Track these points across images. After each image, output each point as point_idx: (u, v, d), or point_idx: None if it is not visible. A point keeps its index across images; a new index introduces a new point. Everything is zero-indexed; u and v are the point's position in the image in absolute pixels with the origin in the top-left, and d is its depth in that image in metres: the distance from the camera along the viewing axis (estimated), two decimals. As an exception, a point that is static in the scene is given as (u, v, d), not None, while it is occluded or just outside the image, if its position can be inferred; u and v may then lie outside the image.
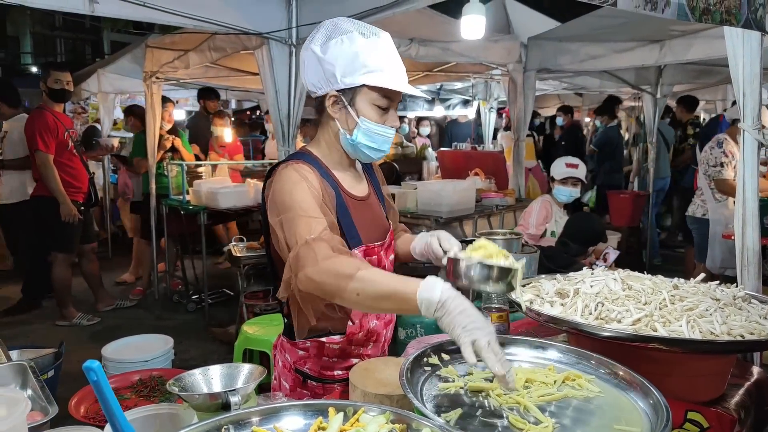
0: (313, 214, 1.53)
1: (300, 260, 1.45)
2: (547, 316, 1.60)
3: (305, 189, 1.58)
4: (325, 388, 1.79)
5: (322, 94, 1.67)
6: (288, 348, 1.81)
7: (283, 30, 3.60)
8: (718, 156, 4.66)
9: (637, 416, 1.21)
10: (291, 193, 1.57)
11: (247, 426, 1.09)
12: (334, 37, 1.59)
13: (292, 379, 1.81)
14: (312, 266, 1.42)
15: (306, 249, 1.45)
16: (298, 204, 1.54)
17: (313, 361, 1.78)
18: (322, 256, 1.43)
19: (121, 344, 3.47)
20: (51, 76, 5.06)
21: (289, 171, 1.63)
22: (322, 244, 1.46)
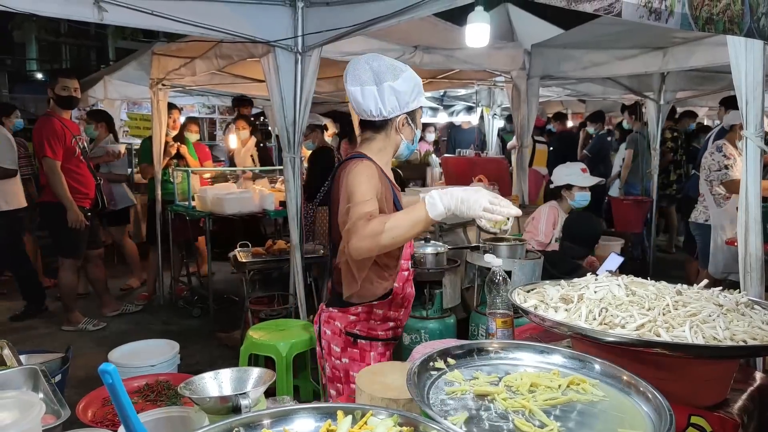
0: (367, 198, 1.98)
1: (349, 233, 1.95)
2: (552, 321, 1.62)
3: (372, 183, 2.04)
4: (372, 345, 2.22)
5: (392, 116, 2.14)
6: (338, 316, 2.23)
7: (290, 38, 3.63)
8: (720, 160, 4.68)
9: (641, 420, 1.23)
10: (359, 185, 2.02)
11: (258, 428, 1.11)
12: (400, 73, 2.10)
13: (342, 342, 2.22)
14: (355, 236, 1.91)
15: (353, 226, 1.93)
16: (361, 194, 1.99)
17: (363, 323, 2.21)
18: (362, 227, 1.90)
19: (128, 349, 3.48)
20: (58, 83, 5.09)
21: (360, 166, 2.08)
22: (362, 221, 1.91)
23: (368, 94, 2.10)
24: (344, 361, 2.23)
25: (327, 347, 2.27)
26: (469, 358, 1.52)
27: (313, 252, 4.44)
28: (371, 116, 2.15)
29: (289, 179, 3.90)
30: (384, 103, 2.10)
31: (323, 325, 2.29)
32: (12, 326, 5.50)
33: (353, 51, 4.26)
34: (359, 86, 2.10)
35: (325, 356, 2.29)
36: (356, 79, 2.10)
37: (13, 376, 1.78)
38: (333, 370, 2.27)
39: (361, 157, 2.16)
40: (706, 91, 7.46)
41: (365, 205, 1.96)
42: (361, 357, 2.22)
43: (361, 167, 2.08)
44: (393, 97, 2.09)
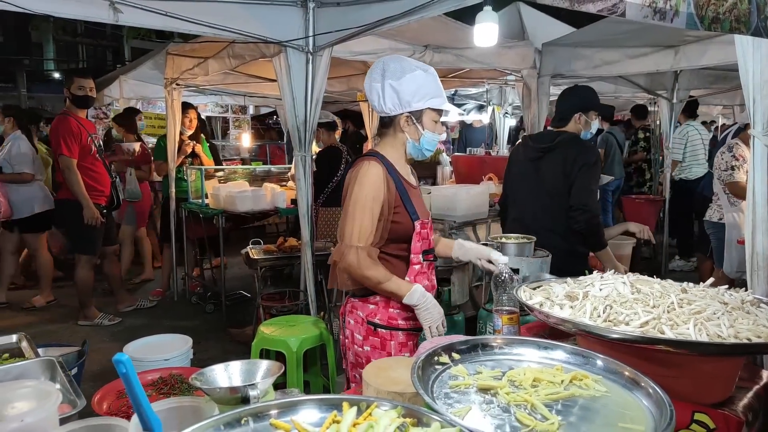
0: (367, 221, 2.18)
1: (345, 257, 2.18)
2: (557, 318, 1.64)
3: (373, 191, 2.19)
4: (392, 334, 2.31)
5: (394, 114, 2.25)
6: (359, 306, 2.35)
7: (301, 39, 3.66)
8: (729, 160, 4.68)
9: (642, 415, 1.25)
10: (364, 192, 2.19)
11: (266, 418, 1.14)
12: (406, 73, 2.19)
13: (365, 330, 2.32)
14: (353, 267, 2.17)
15: (351, 251, 2.17)
16: (362, 204, 2.18)
17: (382, 312, 2.31)
18: (358, 263, 2.17)
19: (142, 343, 3.54)
20: (74, 83, 5.17)
21: (372, 168, 2.22)
22: (361, 252, 2.17)
23: (373, 90, 2.25)
24: (366, 349, 2.33)
25: (350, 336, 2.39)
26: (473, 353, 1.55)
27: (324, 249, 4.47)
28: (378, 111, 2.30)
29: (300, 177, 3.93)
30: (384, 99, 2.23)
31: (347, 315, 2.41)
32: (29, 320, 5.60)
33: (364, 51, 4.29)
34: (369, 82, 2.26)
35: (348, 344, 2.40)
36: (369, 75, 2.26)
37: (31, 367, 1.83)
38: (356, 357, 2.38)
39: (371, 156, 2.29)
40: (719, 90, 7.42)
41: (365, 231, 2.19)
42: (381, 345, 2.31)
43: (366, 171, 2.22)
44: (393, 95, 2.20)
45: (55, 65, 25.84)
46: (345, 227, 2.21)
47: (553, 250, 3.09)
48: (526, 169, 3.40)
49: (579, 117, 3.29)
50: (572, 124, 3.31)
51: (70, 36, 26.25)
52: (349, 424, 1.12)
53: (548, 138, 3.35)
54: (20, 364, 1.86)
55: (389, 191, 2.24)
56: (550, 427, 1.18)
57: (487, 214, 4.55)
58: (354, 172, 2.26)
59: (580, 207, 3.12)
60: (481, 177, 5.55)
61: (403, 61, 2.24)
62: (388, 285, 2.21)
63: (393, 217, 2.25)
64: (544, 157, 3.30)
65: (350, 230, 2.18)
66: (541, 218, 3.27)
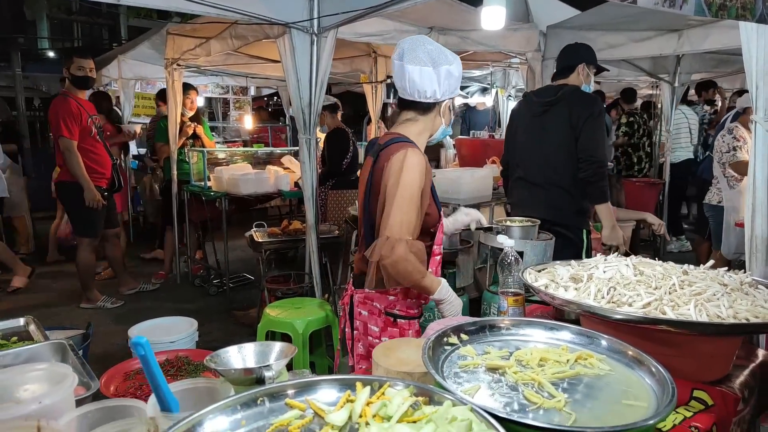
0: (414, 214, 2.12)
1: (394, 250, 2.06)
2: (562, 300, 1.68)
3: (420, 182, 2.12)
4: (410, 323, 2.32)
5: (439, 99, 2.20)
6: (376, 297, 2.30)
7: (306, 21, 3.65)
8: (730, 142, 4.73)
9: (645, 392, 1.29)
10: (414, 183, 2.11)
11: (282, 398, 1.18)
12: (453, 59, 2.15)
13: (382, 322, 2.30)
14: (401, 261, 2.07)
15: (401, 245, 2.06)
16: (411, 196, 2.10)
17: (401, 303, 2.30)
18: (406, 255, 2.07)
19: (147, 326, 3.57)
20: (74, 63, 5.13)
21: (418, 156, 2.14)
22: (406, 246, 2.07)
23: (426, 75, 2.11)
24: (384, 340, 2.27)
25: (362, 327, 2.35)
26: (481, 334, 1.58)
27: (328, 232, 4.51)
28: (424, 98, 2.18)
29: (305, 160, 3.95)
30: (440, 85, 2.15)
31: (358, 307, 2.35)
32: (31, 303, 5.64)
33: (369, 32, 4.29)
34: (418, 66, 2.10)
35: (359, 336, 2.36)
36: (413, 59, 2.10)
37: (41, 350, 1.85)
38: (370, 348, 2.32)
39: (407, 142, 2.19)
40: (721, 74, 7.42)
41: (411, 224, 2.13)
42: (400, 335, 2.29)
43: (415, 160, 2.12)
44: (448, 80, 2.15)
45: (50, 44, 25.60)
46: (392, 219, 2.09)
47: (557, 205, 3.21)
48: (530, 126, 3.44)
49: (582, 68, 3.36)
50: (575, 76, 3.37)
51: (64, 14, 25.94)
52: (363, 403, 1.16)
53: (551, 92, 3.37)
54: (30, 347, 1.88)
55: (427, 182, 2.19)
56: (557, 404, 1.22)
57: (491, 197, 4.57)
58: (397, 159, 2.13)
59: (588, 158, 3.17)
60: (485, 160, 5.56)
61: (440, 46, 2.17)
62: (425, 280, 2.17)
63: (427, 209, 2.22)
64: (549, 111, 3.33)
65: (399, 222, 2.08)
66: (547, 174, 3.34)
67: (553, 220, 3.20)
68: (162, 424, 1.12)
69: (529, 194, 3.46)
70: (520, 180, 3.48)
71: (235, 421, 1.09)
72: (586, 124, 3.18)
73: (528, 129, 3.45)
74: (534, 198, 3.41)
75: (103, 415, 1.22)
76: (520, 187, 3.45)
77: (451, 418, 1.06)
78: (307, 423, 1.11)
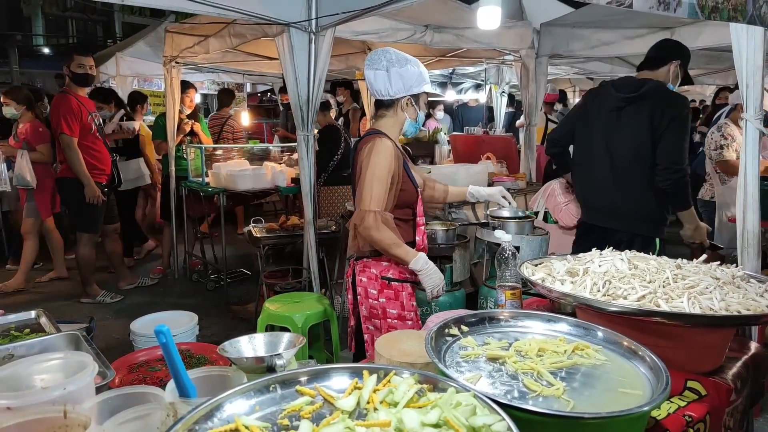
0: (381, 189, 2.47)
1: (364, 220, 2.47)
2: (559, 293, 1.74)
3: (387, 163, 2.50)
4: (403, 286, 2.64)
5: (398, 97, 2.59)
6: (373, 264, 2.65)
7: (305, 21, 3.70)
8: (718, 140, 4.82)
9: (640, 381, 1.34)
10: (380, 164, 2.49)
11: (292, 385, 1.23)
12: (407, 63, 2.55)
13: (379, 285, 2.63)
14: (371, 228, 2.46)
15: (370, 215, 2.46)
16: (378, 175, 2.47)
17: (394, 269, 2.63)
18: (375, 225, 2.46)
19: (148, 320, 3.59)
20: (74, 61, 5.15)
21: (384, 143, 2.53)
22: (378, 216, 2.46)
23: (380, 77, 2.56)
24: (381, 301, 2.65)
25: (363, 292, 2.68)
26: (481, 326, 1.64)
27: (326, 228, 4.55)
28: (381, 95, 2.61)
29: (303, 157, 4.00)
30: (390, 84, 2.55)
31: (358, 275, 2.69)
32: (31, 298, 5.67)
33: (365, 30, 4.33)
34: (373, 71, 2.57)
35: (360, 300, 2.69)
36: (371, 65, 2.57)
37: (55, 342, 1.90)
38: (371, 309, 2.68)
39: (378, 133, 2.59)
40: (713, 70, 7.49)
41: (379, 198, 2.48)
42: (395, 296, 2.64)
43: (380, 146, 2.52)
44: (399, 80, 2.54)
45: (45, 40, 25.50)
46: (363, 195, 2.49)
47: (626, 210, 3.00)
48: (604, 120, 3.14)
49: (675, 66, 3.07)
50: (664, 71, 3.07)
51: (58, 10, 25.83)
52: (370, 390, 1.21)
53: (634, 86, 3.05)
54: (44, 339, 1.93)
55: (398, 163, 2.56)
56: (556, 392, 1.27)
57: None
58: (367, 147, 2.54)
59: (670, 165, 2.87)
60: (479, 156, 5.62)
61: (399, 53, 2.58)
62: (397, 249, 2.50)
63: (401, 186, 2.57)
64: (628, 107, 3.03)
65: (368, 197, 2.47)
66: (617, 175, 3.08)
67: (622, 227, 3.03)
68: (181, 409, 1.17)
69: (594, 196, 3.24)
70: (586, 180, 3.25)
71: (250, 405, 1.15)
72: (670, 128, 2.87)
73: (601, 124, 3.15)
74: (601, 200, 3.19)
75: (122, 401, 1.27)
76: (585, 187, 3.19)
77: (456, 403, 1.12)
78: (318, 408, 1.16)
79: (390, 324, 2.65)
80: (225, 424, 1.09)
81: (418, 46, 5.03)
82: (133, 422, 1.18)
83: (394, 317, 2.64)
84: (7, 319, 2.25)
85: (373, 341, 2.65)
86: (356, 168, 2.63)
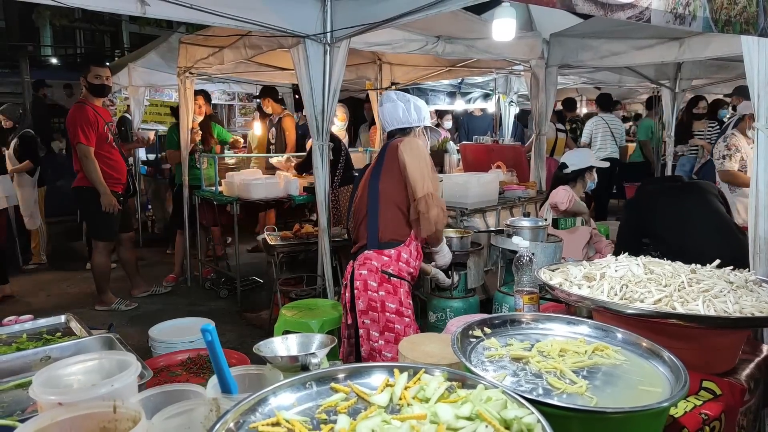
0: (431, 172, 2.82)
1: (435, 199, 2.75)
2: (577, 296, 1.79)
3: (426, 152, 2.89)
4: (401, 283, 2.80)
5: (416, 125, 3.03)
6: (374, 257, 2.80)
7: (321, 33, 3.78)
8: (722, 150, 4.90)
9: (659, 379, 1.40)
10: (422, 152, 2.84)
11: (327, 383, 1.29)
12: (416, 101, 3.05)
13: (379, 278, 2.77)
14: (441, 209, 2.79)
15: (430, 198, 2.74)
16: (425, 162, 2.81)
17: (394, 264, 2.80)
18: (442, 205, 2.81)
19: (167, 326, 3.65)
20: (91, 72, 5.25)
21: (415, 139, 2.94)
22: (440, 200, 2.81)
23: (398, 108, 3.03)
24: (381, 294, 2.76)
25: (362, 285, 2.80)
26: (503, 328, 1.70)
27: (339, 236, 4.61)
28: (401, 123, 3.03)
29: (317, 165, 4.07)
30: (409, 113, 3.02)
31: (358, 269, 2.82)
32: (46, 307, 5.74)
33: (379, 41, 4.41)
34: (393, 102, 3.05)
35: (358, 294, 2.81)
36: (389, 100, 3.08)
37: (89, 344, 1.97)
38: (370, 302, 2.78)
39: (404, 135, 2.99)
40: (721, 79, 7.55)
41: (435, 182, 2.85)
42: (394, 291, 2.77)
43: (414, 141, 2.89)
44: (416, 112, 3.03)
45: (53, 51, 25.69)
46: (423, 182, 2.75)
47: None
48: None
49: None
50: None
51: (67, 21, 26.05)
52: (402, 387, 1.27)
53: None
54: (79, 341, 2.00)
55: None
56: (579, 389, 1.33)
57: (497, 201, 4.69)
58: (402, 145, 2.85)
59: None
60: (489, 165, 5.68)
61: (412, 96, 3.11)
62: (442, 233, 2.93)
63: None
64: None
65: (423, 182, 2.75)
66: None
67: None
68: (223, 404, 1.23)
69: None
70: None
71: (289, 401, 1.21)
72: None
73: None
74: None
75: (164, 398, 1.34)
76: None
77: (486, 398, 1.17)
78: (353, 404, 1.22)
79: (387, 318, 2.73)
80: (266, 418, 1.15)
81: (429, 56, 5.10)
82: (177, 417, 1.24)
83: (393, 311, 2.71)
84: (37, 323, 2.31)
85: (369, 336, 2.74)
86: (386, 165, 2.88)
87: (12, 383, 1.72)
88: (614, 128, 8.11)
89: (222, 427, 1.05)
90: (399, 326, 2.73)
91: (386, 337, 2.74)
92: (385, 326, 2.75)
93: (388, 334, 2.74)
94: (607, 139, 8.07)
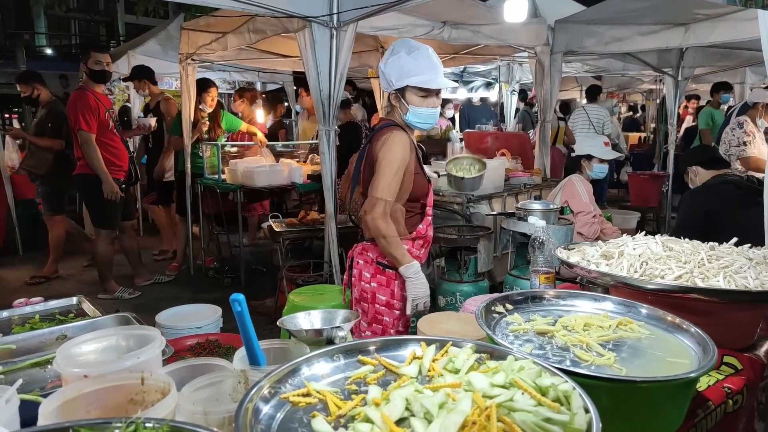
0: (394, 180, 2.50)
1: (374, 207, 2.47)
2: (597, 273, 1.79)
3: (401, 155, 2.51)
4: (396, 275, 2.61)
5: (388, 91, 2.61)
6: (370, 248, 2.68)
7: (327, 15, 3.74)
8: (740, 136, 4.81)
9: (686, 352, 1.40)
10: (394, 154, 2.50)
11: (353, 355, 1.28)
12: (391, 56, 2.52)
13: (373, 269, 2.67)
14: (379, 218, 2.46)
15: (380, 204, 2.47)
16: (391, 166, 2.49)
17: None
18: (384, 215, 2.47)
19: (173, 312, 3.62)
20: (91, 58, 5.18)
21: (400, 135, 2.55)
22: (388, 206, 2.49)
23: (379, 73, 2.64)
24: (373, 285, 2.68)
25: (358, 274, 2.73)
26: (524, 305, 1.69)
27: (345, 223, 4.60)
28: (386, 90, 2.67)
29: (324, 151, 4.05)
30: (382, 80, 2.61)
31: (357, 257, 2.75)
32: (50, 295, 5.68)
33: (385, 26, 4.38)
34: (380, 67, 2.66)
35: (354, 282, 2.75)
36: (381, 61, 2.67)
37: (105, 323, 1.96)
38: (362, 292, 2.71)
39: (392, 125, 2.61)
40: (723, 68, 7.54)
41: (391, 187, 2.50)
42: (386, 283, 2.66)
43: (396, 138, 2.54)
44: (382, 76, 2.59)
45: (47, 40, 25.53)
46: (377, 183, 2.49)
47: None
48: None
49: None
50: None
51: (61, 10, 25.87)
52: (430, 359, 1.26)
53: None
54: (95, 320, 2.00)
55: (412, 156, 2.58)
56: (607, 361, 1.33)
57: (503, 188, 4.68)
58: (383, 138, 2.55)
59: None
60: (494, 153, 5.67)
61: (398, 45, 2.54)
62: (396, 249, 2.51)
63: (414, 178, 2.59)
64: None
65: (382, 186, 2.48)
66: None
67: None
68: (252, 376, 1.22)
69: None
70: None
71: (318, 373, 1.20)
72: None
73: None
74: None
75: (189, 372, 1.33)
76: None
77: (519, 368, 1.17)
78: (382, 376, 1.22)
79: (377, 310, 2.66)
80: (296, 389, 1.14)
81: (434, 41, 5.07)
82: (206, 389, 1.23)
83: (382, 303, 2.65)
84: (49, 305, 2.30)
85: (359, 325, 2.69)
86: (369, 157, 2.62)
87: (29, 362, 1.71)
88: (595, 119, 8.20)
89: (257, 393, 1.04)
90: (388, 318, 2.65)
91: (373, 329, 2.68)
92: (373, 317, 2.68)
93: (376, 326, 2.68)
94: (585, 129, 8.20)
